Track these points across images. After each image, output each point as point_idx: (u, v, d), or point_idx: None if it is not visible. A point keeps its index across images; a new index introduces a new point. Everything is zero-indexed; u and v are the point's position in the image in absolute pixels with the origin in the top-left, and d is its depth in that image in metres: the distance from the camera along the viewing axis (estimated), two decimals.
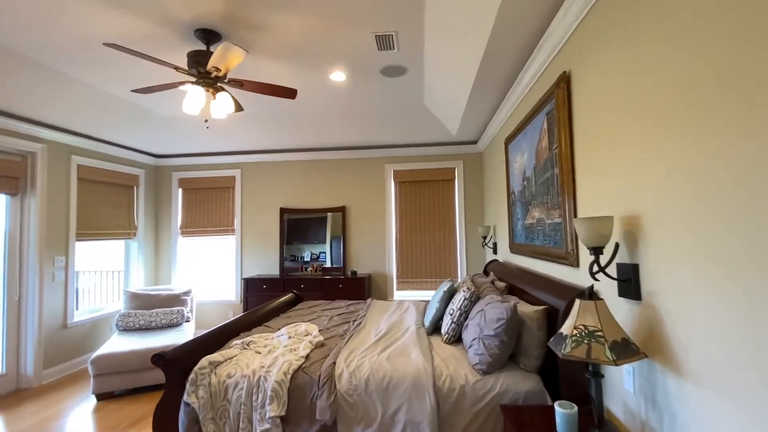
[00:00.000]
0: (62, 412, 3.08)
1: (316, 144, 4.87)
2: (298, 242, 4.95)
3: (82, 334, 4.09)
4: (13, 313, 3.52)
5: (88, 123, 3.91)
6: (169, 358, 1.96)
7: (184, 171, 5.29)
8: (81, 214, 4.14)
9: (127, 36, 2.57)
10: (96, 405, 3.21)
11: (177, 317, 4.15)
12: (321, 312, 3.27)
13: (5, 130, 3.38)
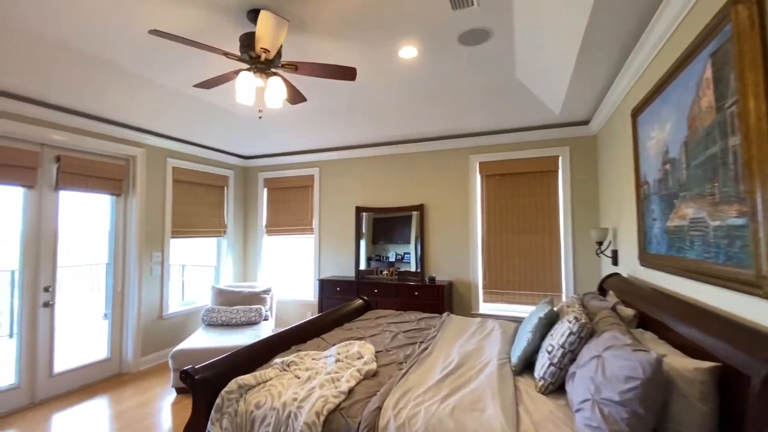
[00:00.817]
0: (152, 400, 3.23)
1: (389, 137, 4.45)
2: (383, 242, 4.61)
3: (176, 326, 4.36)
4: (117, 304, 3.86)
5: (182, 127, 4.13)
6: (196, 376, 1.71)
7: (269, 171, 5.38)
8: (176, 213, 4.42)
9: (186, 29, 2.48)
10: (175, 398, 3.29)
11: (255, 315, 4.14)
12: (386, 326, 2.82)
13: (111, 137, 3.71)
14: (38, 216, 3.19)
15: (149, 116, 3.76)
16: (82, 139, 3.44)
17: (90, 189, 3.57)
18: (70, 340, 3.43)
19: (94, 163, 3.58)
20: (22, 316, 3.08)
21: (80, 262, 5.28)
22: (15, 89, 2.89)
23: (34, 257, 3.16)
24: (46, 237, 3.24)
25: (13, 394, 2.99)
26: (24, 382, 3.06)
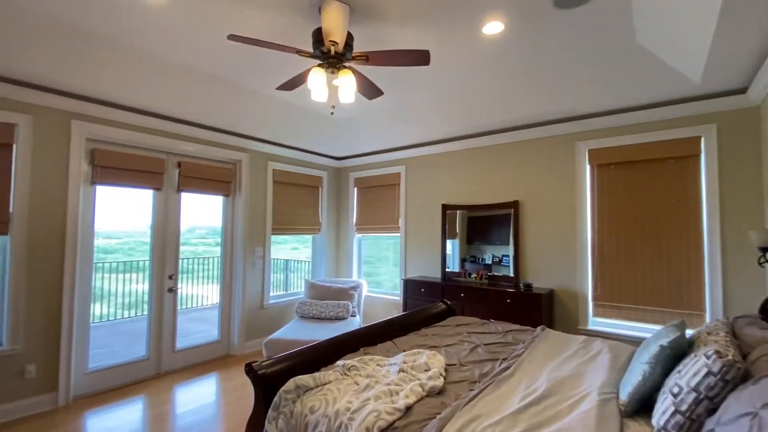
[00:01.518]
0: (249, 383, 3.53)
1: (476, 128, 4.08)
2: (478, 242, 4.29)
3: (275, 315, 4.72)
4: (226, 293, 4.34)
5: (281, 132, 4.46)
6: (258, 371, 1.72)
7: (359, 171, 5.48)
8: (275, 212, 4.79)
9: (269, 34, 2.59)
10: None
11: (342, 311, 4.23)
12: (466, 336, 2.53)
13: (221, 144, 4.18)
14: (165, 214, 3.76)
15: (252, 123, 4.13)
16: (197, 147, 3.94)
17: (205, 191, 4.08)
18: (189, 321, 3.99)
19: (207, 168, 4.07)
20: (152, 299, 3.66)
21: (198, 255, 6.12)
22: (144, 106, 3.43)
23: (161, 249, 3.72)
24: (171, 232, 3.79)
25: (143, 365, 3.57)
26: (152, 355, 3.63)
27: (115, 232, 4.77)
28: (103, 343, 4.42)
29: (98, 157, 3.26)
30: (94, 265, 3.31)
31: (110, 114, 3.29)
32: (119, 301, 5.24)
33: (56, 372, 2.98)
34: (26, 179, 2.86)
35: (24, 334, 2.84)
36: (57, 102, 3.00)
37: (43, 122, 2.96)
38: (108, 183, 3.34)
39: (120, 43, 2.72)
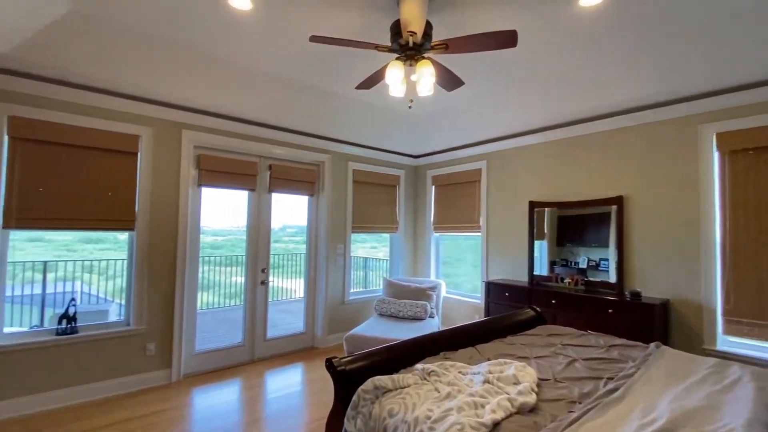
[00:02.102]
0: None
1: (569, 115, 3.65)
2: (571, 244, 3.89)
3: (355, 311, 4.84)
4: (311, 287, 4.56)
5: (360, 133, 4.56)
6: (337, 368, 1.72)
7: (436, 168, 5.35)
8: (355, 211, 4.90)
9: (343, 32, 2.63)
10: None
11: (420, 311, 4.15)
12: (561, 348, 2.26)
13: (306, 146, 4.40)
14: (258, 213, 4.07)
15: (334, 125, 4.28)
16: (285, 150, 4.19)
17: (292, 191, 4.33)
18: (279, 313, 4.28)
19: (294, 170, 4.32)
20: (247, 291, 3.99)
21: (289, 252, 6.53)
22: (239, 114, 3.75)
23: (255, 245, 4.04)
24: (263, 229, 4.10)
25: (239, 351, 3.91)
26: (247, 342, 3.96)
27: (221, 230, 5.39)
28: (209, 328, 4.98)
29: (203, 161, 3.65)
30: (200, 259, 3.72)
31: (212, 122, 3.66)
32: (224, 291, 5.89)
33: (170, 351, 3.41)
34: (147, 183, 3.32)
35: (146, 317, 3.30)
36: (170, 114, 3.42)
37: (160, 133, 3.40)
38: (211, 185, 3.72)
39: (217, 57, 3.00)
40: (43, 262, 4.53)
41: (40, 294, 4.34)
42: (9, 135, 2.76)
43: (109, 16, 2.46)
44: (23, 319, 4.10)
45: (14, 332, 2.93)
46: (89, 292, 5.01)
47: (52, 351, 2.90)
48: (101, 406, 2.93)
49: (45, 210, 2.90)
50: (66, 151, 2.98)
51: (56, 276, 4.64)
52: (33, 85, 2.80)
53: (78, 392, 2.97)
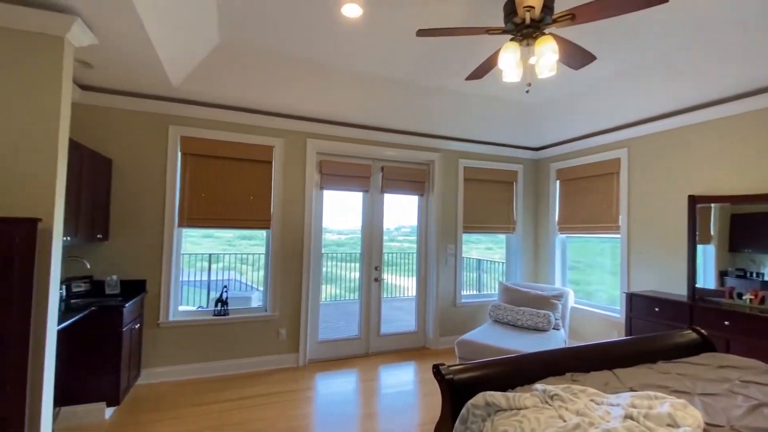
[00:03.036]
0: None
1: (748, 83, 2.78)
2: (751, 249, 3.05)
3: (467, 314, 4.64)
4: (421, 287, 4.55)
5: (472, 128, 4.36)
6: (445, 375, 1.63)
7: (561, 161, 4.77)
8: (466, 210, 4.71)
9: (452, 20, 2.51)
10: None
11: (542, 322, 3.75)
12: (739, 386, 1.71)
13: (416, 146, 4.41)
14: (371, 213, 4.24)
15: (444, 123, 4.18)
16: (396, 151, 4.27)
17: (403, 191, 4.39)
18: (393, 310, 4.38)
19: (405, 170, 4.37)
20: (362, 286, 4.19)
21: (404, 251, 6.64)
22: (354, 120, 3.95)
23: (369, 243, 4.22)
24: (376, 228, 4.26)
25: (355, 343, 4.12)
26: (363, 335, 4.16)
27: (345, 230, 5.87)
28: (332, 319, 5.41)
29: (324, 166, 3.97)
30: (323, 255, 4.05)
31: (332, 130, 3.94)
32: (346, 286, 6.36)
33: (298, 337, 3.79)
34: (279, 187, 3.76)
35: (279, 305, 3.74)
36: (298, 126, 3.81)
37: (289, 143, 3.81)
38: (331, 187, 4.02)
39: (333, 68, 3.20)
40: (209, 254, 5.56)
41: (206, 280, 5.35)
42: (181, 152, 3.45)
43: (246, 43, 2.85)
44: (195, 300, 5.10)
45: (186, 310, 3.64)
46: (241, 281, 5.97)
47: (210, 328, 3.52)
48: (245, 379, 3.43)
49: (206, 211, 3.53)
50: (219, 162, 3.57)
51: (221, 266, 5.66)
52: (195, 109, 3.44)
53: (228, 365, 3.54)
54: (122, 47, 2.40)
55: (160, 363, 3.34)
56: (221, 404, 2.94)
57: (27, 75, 1.99)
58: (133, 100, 3.27)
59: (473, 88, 3.59)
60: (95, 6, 1.96)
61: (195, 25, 2.51)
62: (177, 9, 2.26)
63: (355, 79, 3.37)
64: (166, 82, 2.95)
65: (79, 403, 2.60)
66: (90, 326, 2.63)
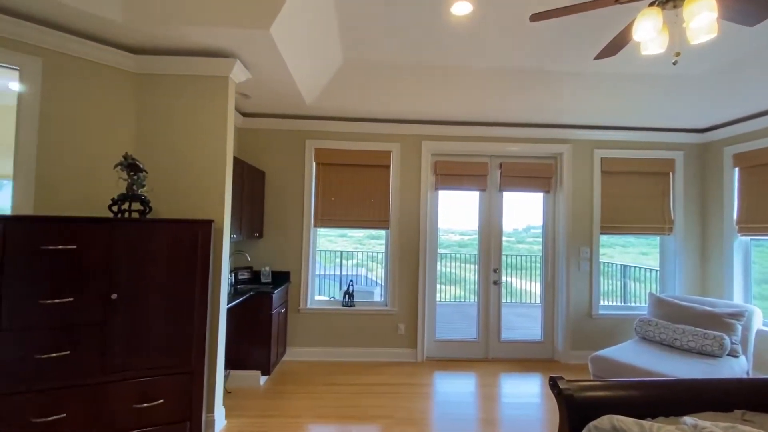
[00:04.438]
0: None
1: None
2: None
3: (606, 328, 4.04)
4: (548, 293, 4.16)
5: (609, 114, 3.80)
6: (562, 389, 1.48)
7: (740, 143, 3.74)
8: (605, 207, 4.11)
9: None
10: None
11: (713, 345, 3.03)
12: None
13: (540, 139, 4.06)
14: (488, 213, 4.09)
15: (574, 110, 3.74)
16: (517, 147, 4.02)
17: (524, 188, 4.11)
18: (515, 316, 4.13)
19: (527, 166, 4.08)
20: (479, 289, 4.07)
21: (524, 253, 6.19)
22: (469, 118, 3.87)
23: (487, 244, 4.07)
24: (494, 229, 4.08)
25: (474, 346, 4.02)
26: (481, 339, 4.03)
27: (468, 230, 5.83)
28: (450, 319, 5.41)
29: (438, 167, 4.01)
30: (444, 255, 4.10)
31: (446, 130, 3.96)
32: (466, 287, 6.27)
33: (415, 334, 3.92)
34: (396, 189, 3.96)
35: (398, 301, 3.93)
36: (412, 129, 3.95)
37: (405, 147, 3.98)
38: (446, 187, 4.04)
39: (445, 68, 3.21)
40: (340, 251, 6.20)
41: (338, 275, 5.97)
42: (315, 161, 3.95)
43: (364, 59, 3.10)
44: (328, 291, 5.75)
45: (321, 300, 4.15)
46: (367, 276, 6.48)
47: (339, 317, 3.92)
48: (368, 367, 3.71)
49: (334, 213, 3.97)
50: (345, 169, 3.97)
51: (353, 263, 6.26)
52: (325, 123, 3.91)
53: (353, 352, 3.89)
54: (269, 79, 2.90)
55: (299, 343, 3.89)
56: (348, 387, 3.26)
57: (204, 108, 2.59)
58: (277, 121, 3.90)
59: (608, 66, 3.12)
60: (249, 50, 2.43)
61: (322, 51, 2.86)
62: (308, 41, 2.62)
63: (469, 76, 3.32)
64: (302, 102, 3.42)
65: (241, 369, 3.23)
66: (249, 307, 3.24)
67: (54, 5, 2.00)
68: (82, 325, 1.89)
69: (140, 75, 2.59)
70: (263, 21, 2.17)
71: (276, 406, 2.90)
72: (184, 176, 2.56)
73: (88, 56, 2.38)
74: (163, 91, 2.60)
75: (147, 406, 1.99)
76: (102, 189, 2.39)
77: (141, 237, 2.02)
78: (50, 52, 2.26)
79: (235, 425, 2.61)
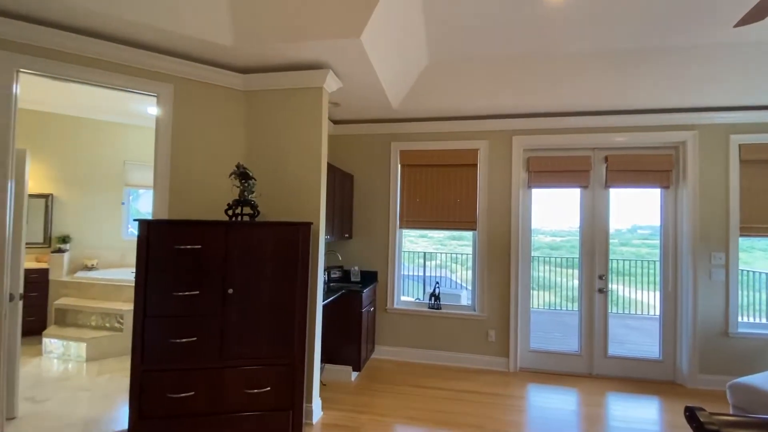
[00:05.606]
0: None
1: None
2: None
3: (748, 349, 3.34)
4: (669, 305, 3.58)
5: (751, 90, 3.15)
6: (702, 422, 1.23)
7: None
8: (745, 204, 3.40)
9: None
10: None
11: None
12: None
13: (656, 126, 3.53)
14: (591, 212, 3.67)
15: (701, 90, 3.18)
16: (627, 137, 3.55)
17: (636, 184, 3.61)
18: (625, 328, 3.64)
19: (639, 158, 3.58)
20: (582, 297, 3.68)
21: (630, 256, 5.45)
22: (567, 108, 3.52)
23: (590, 247, 3.66)
24: (599, 230, 3.65)
25: (575, 360, 3.64)
26: (584, 353, 3.63)
27: (559, 231, 5.35)
28: (546, 329, 5.01)
29: (532, 163, 3.73)
30: (531, 258, 3.81)
31: (540, 123, 3.67)
32: (562, 294, 5.76)
33: (507, 342, 3.70)
34: (485, 189, 3.79)
35: (487, 306, 3.76)
36: (502, 125, 3.74)
37: (494, 143, 3.79)
38: (540, 185, 3.74)
39: (535, 57, 2.96)
40: (423, 252, 6.18)
41: (421, 275, 5.96)
42: (400, 164, 3.99)
43: (451, 57, 3.02)
44: (413, 292, 5.76)
45: (406, 300, 4.17)
46: (451, 278, 6.35)
47: (425, 319, 3.89)
48: (455, 372, 3.61)
49: (420, 214, 3.95)
50: (429, 169, 3.93)
51: (434, 264, 6.21)
52: (409, 125, 3.91)
53: (439, 356, 3.82)
54: (358, 85, 3.00)
55: (387, 342, 3.96)
56: (435, 390, 3.21)
57: (302, 118, 2.78)
58: (364, 126, 4.03)
59: (748, 35, 2.57)
60: (341, 59, 2.54)
61: (408, 54, 2.87)
62: (395, 44, 2.64)
63: (566, 63, 3.03)
64: (388, 106, 3.48)
65: (334, 364, 3.39)
66: (341, 305, 3.39)
67: (180, 38, 2.33)
68: (205, 315, 2.17)
69: (247, 92, 2.89)
70: (354, 29, 2.24)
71: (366, 402, 2.98)
72: (285, 182, 2.78)
73: (207, 79, 2.73)
74: (266, 105, 2.86)
75: (256, 392, 2.20)
76: (218, 195, 2.72)
77: (251, 238, 2.24)
78: (179, 79, 2.64)
79: (330, 417, 2.74)
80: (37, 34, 2.18)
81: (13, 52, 2.15)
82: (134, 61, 2.46)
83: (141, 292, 2.09)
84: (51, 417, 2.63)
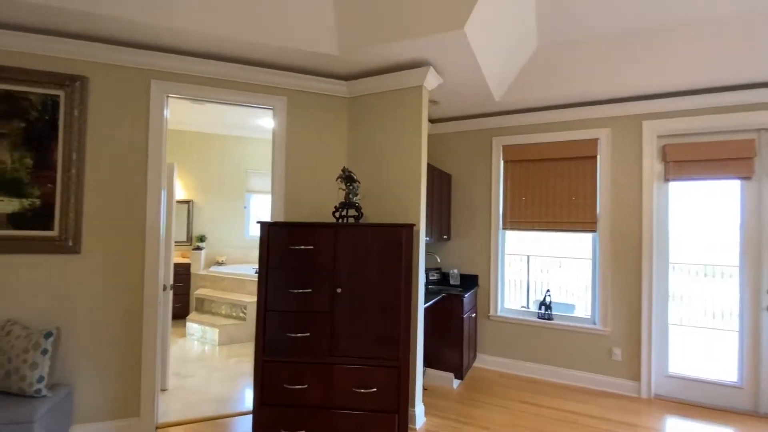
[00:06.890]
0: None
1: None
2: None
3: None
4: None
5: None
6: None
7: None
8: None
9: None
10: None
11: None
12: None
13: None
14: (757, 209, 2.92)
15: None
16: None
17: None
18: None
19: None
20: (743, 314, 2.95)
21: None
22: (715, 82, 2.85)
23: (755, 253, 2.91)
24: (766, 231, 2.88)
25: (734, 393, 2.92)
26: (747, 385, 2.89)
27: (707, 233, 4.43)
28: (689, 350, 4.16)
29: (669, 152, 3.12)
30: (670, 265, 3.20)
31: (681, 104, 3.05)
32: (707, 307, 4.75)
33: (638, 363, 3.15)
34: (607, 184, 3.30)
35: (611, 320, 3.26)
36: (628, 109, 3.21)
37: (618, 131, 3.28)
38: (682, 178, 3.11)
39: (681, 23, 2.45)
40: (527, 256, 5.70)
41: (525, 281, 5.50)
42: (503, 160, 3.72)
43: (564, 38, 2.69)
44: (514, 299, 5.34)
45: (510, 308, 3.86)
46: (560, 286, 5.73)
47: (534, 330, 3.55)
48: (571, 392, 3.21)
49: (527, 214, 3.63)
50: (537, 165, 3.58)
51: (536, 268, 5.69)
52: (514, 118, 3.61)
53: (551, 371, 3.44)
54: (459, 80, 2.87)
55: (489, 351, 3.72)
56: (546, 409, 2.89)
57: (402, 120, 2.76)
58: (463, 123, 3.85)
59: None
60: (442, 53, 2.44)
61: (515, 39, 2.63)
62: (500, 32, 2.44)
63: (714, 26, 2.45)
64: (490, 99, 3.26)
65: (436, 369, 3.30)
66: (441, 309, 3.29)
67: (293, 52, 2.49)
68: (317, 312, 2.27)
69: (350, 98, 2.98)
70: (457, 21, 2.13)
71: (470, 413, 2.83)
72: (385, 184, 2.79)
73: (315, 89, 2.89)
74: (367, 109, 2.91)
75: (363, 391, 2.22)
76: (326, 198, 2.86)
77: (357, 239, 2.28)
78: (291, 92, 2.84)
79: (433, 424, 2.66)
80: (181, 63, 2.55)
81: (163, 80, 2.54)
82: (254, 79, 2.72)
83: (263, 288, 2.28)
84: (193, 391, 3.06)
